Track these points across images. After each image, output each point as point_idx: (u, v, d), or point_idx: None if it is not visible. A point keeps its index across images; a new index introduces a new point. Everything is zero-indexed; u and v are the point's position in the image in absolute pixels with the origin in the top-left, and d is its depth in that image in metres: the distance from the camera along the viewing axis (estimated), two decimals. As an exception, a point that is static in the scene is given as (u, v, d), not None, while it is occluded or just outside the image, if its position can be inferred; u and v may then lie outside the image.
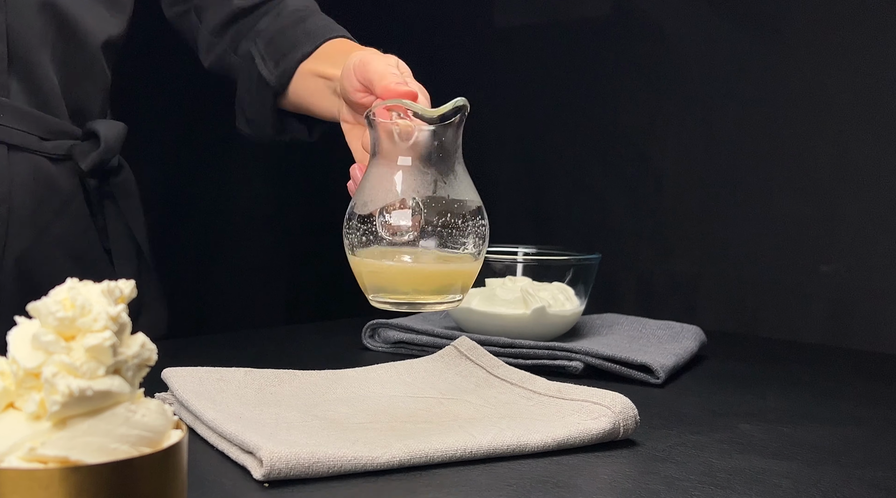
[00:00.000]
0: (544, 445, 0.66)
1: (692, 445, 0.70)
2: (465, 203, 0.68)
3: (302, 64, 0.97)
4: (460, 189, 0.68)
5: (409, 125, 0.67)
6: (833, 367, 1.04)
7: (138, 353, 0.43)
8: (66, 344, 0.41)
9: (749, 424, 0.78)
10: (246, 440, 0.61)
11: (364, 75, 0.78)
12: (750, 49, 1.28)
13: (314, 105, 0.96)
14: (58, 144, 1.01)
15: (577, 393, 0.73)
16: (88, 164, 1.01)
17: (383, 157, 0.68)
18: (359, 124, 0.84)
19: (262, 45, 1.02)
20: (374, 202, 0.67)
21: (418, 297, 0.68)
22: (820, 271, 1.17)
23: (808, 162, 1.23)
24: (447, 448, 0.63)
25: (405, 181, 0.67)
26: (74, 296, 0.41)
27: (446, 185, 0.67)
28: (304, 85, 0.97)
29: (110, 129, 1.03)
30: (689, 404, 0.84)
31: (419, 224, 0.66)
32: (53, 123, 1.00)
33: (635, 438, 0.70)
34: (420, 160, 0.67)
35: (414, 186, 0.66)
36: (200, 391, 0.73)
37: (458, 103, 0.67)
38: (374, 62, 0.77)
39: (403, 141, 0.67)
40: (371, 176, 0.68)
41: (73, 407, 0.40)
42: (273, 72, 0.99)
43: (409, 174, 0.67)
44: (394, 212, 0.66)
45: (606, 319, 1.14)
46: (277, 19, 1.03)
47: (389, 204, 0.66)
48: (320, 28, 0.99)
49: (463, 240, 0.67)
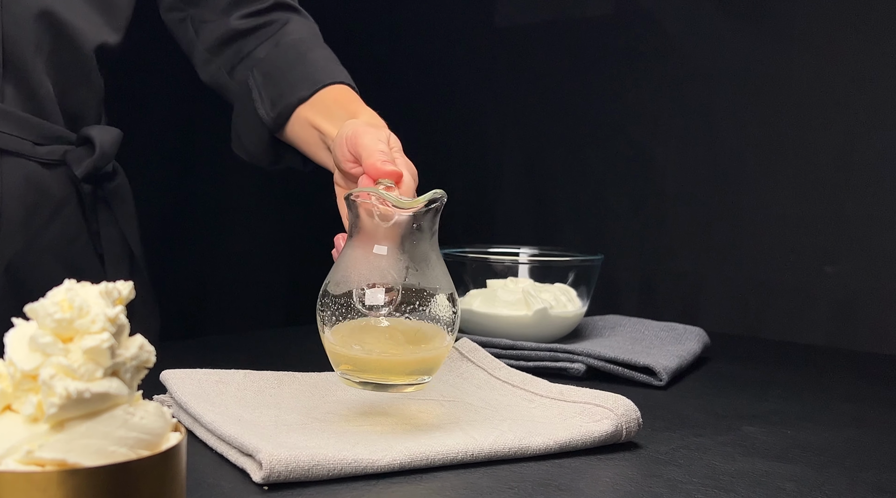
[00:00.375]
0: (546, 447, 0.66)
1: (695, 447, 0.70)
2: (437, 290, 0.69)
3: (299, 109, 0.96)
4: (433, 276, 0.69)
5: (388, 211, 0.68)
6: (838, 369, 1.04)
7: (137, 355, 0.43)
8: (63, 346, 0.41)
9: (753, 426, 0.78)
10: (245, 443, 0.61)
11: (354, 148, 0.79)
12: (754, 48, 1.28)
13: (310, 153, 0.97)
14: (52, 150, 1.01)
15: (580, 395, 0.73)
16: (83, 171, 1.01)
17: (360, 238, 0.69)
18: (347, 189, 0.84)
19: (259, 78, 1.00)
20: (346, 283, 0.68)
21: (386, 378, 0.69)
22: (824, 272, 1.17)
23: (813, 161, 1.23)
24: (448, 451, 0.63)
25: (379, 266, 0.68)
26: (72, 297, 0.41)
27: (418, 272, 0.69)
28: (300, 132, 0.97)
29: (105, 134, 1.03)
30: (693, 407, 0.84)
31: (390, 309, 0.67)
32: (47, 128, 1.00)
33: (638, 440, 0.70)
34: (395, 246, 0.69)
35: (388, 271, 0.68)
36: (199, 393, 0.73)
37: (434, 196, 0.69)
38: (364, 137, 0.78)
39: (381, 225, 0.69)
40: (346, 256, 0.70)
41: (71, 409, 0.40)
42: (269, 113, 0.98)
43: (384, 259, 0.68)
44: (366, 294, 0.68)
45: (609, 320, 1.14)
46: (276, 50, 1.01)
47: (362, 287, 0.68)
48: (319, 70, 0.98)
49: (432, 326, 0.68)
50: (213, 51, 1.05)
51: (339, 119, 0.90)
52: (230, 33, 1.04)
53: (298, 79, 0.97)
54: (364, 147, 0.77)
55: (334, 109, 0.94)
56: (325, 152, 0.92)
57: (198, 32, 1.06)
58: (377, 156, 0.76)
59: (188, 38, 1.08)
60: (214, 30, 1.05)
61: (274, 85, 0.99)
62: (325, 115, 0.93)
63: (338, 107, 0.94)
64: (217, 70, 1.05)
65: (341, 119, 0.89)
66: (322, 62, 1.00)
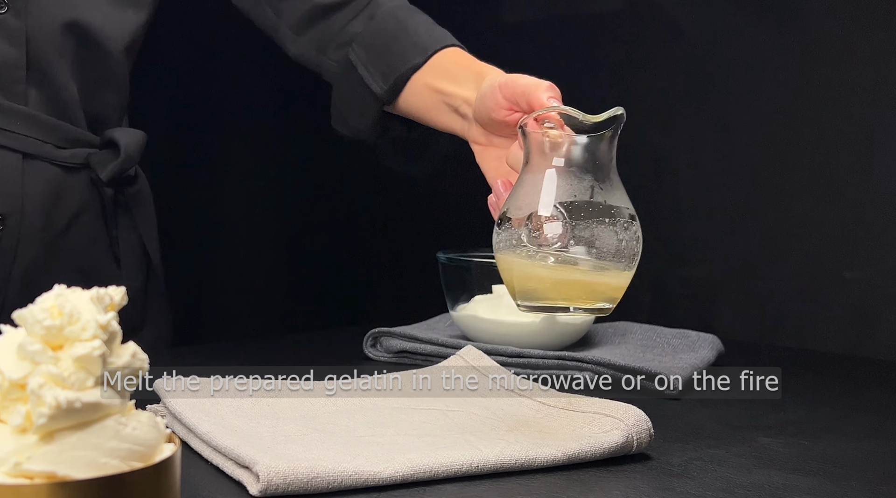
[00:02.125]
0: (554, 459, 0.66)
1: (709, 459, 0.70)
2: (620, 210, 0.70)
3: (413, 77, 0.98)
4: (615, 196, 0.71)
5: (568, 133, 0.71)
6: (857, 377, 1.04)
7: (129, 363, 0.43)
8: (53, 354, 0.41)
9: (769, 437, 0.77)
10: (242, 454, 0.61)
11: (512, 94, 0.83)
12: (770, 45, 1.28)
13: (430, 119, 0.98)
14: (74, 153, 1.02)
15: (589, 405, 0.73)
16: (108, 174, 1.03)
17: (538, 162, 0.71)
18: (492, 146, 0.89)
19: (361, 52, 1.02)
20: (529, 206, 0.70)
21: (567, 303, 0.70)
22: (843, 278, 1.16)
23: (831, 163, 1.23)
24: (452, 462, 0.63)
25: (561, 186, 0.70)
26: (62, 303, 0.41)
27: (602, 192, 0.70)
28: (418, 98, 0.99)
29: (129, 137, 1.05)
30: (706, 417, 0.84)
31: (572, 230, 0.69)
32: (70, 132, 1.02)
33: (649, 452, 0.70)
34: (576, 166, 0.70)
35: (570, 191, 0.69)
36: (194, 403, 0.73)
37: (616, 113, 0.70)
38: (522, 78, 0.82)
39: (558, 148, 0.71)
40: (526, 181, 0.71)
41: (61, 420, 0.40)
42: (382, 85, 1.00)
43: (566, 179, 0.70)
44: (548, 217, 0.69)
45: (619, 327, 1.14)
46: (373, 23, 1.02)
47: (544, 208, 0.69)
48: (425, 35, 1.00)
49: (616, 247, 0.69)
50: (298, 29, 1.06)
51: (465, 80, 0.93)
52: (315, 10, 1.04)
53: (406, 48, 0.99)
54: (527, 86, 0.81)
55: (456, 71, 0.96)
56: (450, 115, 0.95)
57: (278, 13, 1.06)
58: (546, 91, 0.79)
59: (267, 18, 1.08)
60: (297, 8, 1.05)
61: (380, 58, 1.00)
62: (448, 79, 0.95)
63: (459, 69, 0.96)
64: (306, 48, 1.06)
65: (468, 79, 0.92)
66: (424, 27, 1.01)
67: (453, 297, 1.08)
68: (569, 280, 0.69)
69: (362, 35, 1.02)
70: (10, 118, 0.97)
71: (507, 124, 0.85)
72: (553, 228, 0.69)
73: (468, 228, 1.68)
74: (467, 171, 1.22)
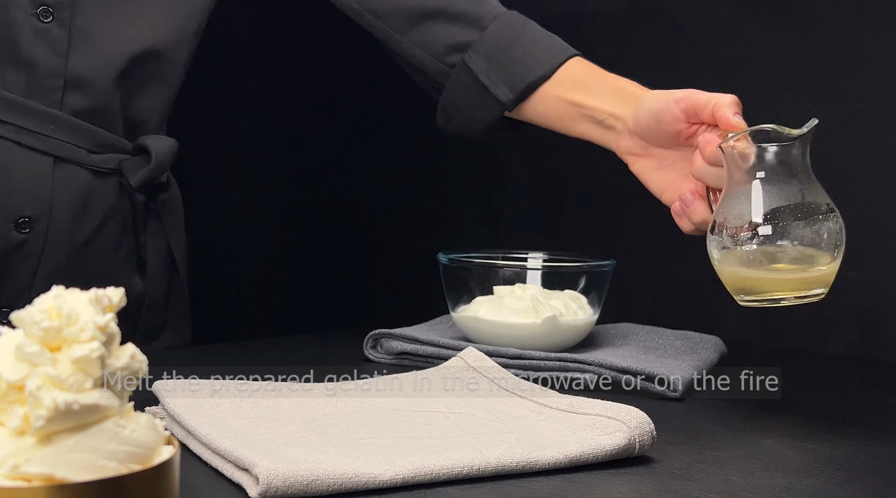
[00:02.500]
0: (556, 461, 0.66)
1: (712, 461, 0.70)
2: (823, 205, 0.82)
3: (542, 86, 1.05)
4: (817, 193, 0.82)
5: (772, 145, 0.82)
6: (861, 379, 1.04)
7: (128, 364, 0.43)
8: (51, 355, 0.41)
9: (772, 439, 0.77)
10: (241, 457, 0.61)
11: (691, 108, 0.92)
12: (773, 45, 1.28)
13: (563, 128, 1.06)
14: (107, 158, 1.04)
15: (590, 407, 0.73)
16: (138, 180, 1.04)
17: (746, 175, 0.82)
18: (649, 156, 0.98)
19: (480, 60, 1.07)
20: (742, 215, 0.82)
21: (785, 294, 0.82)
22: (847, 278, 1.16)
23: (834, 162, 1.22)
24: (453, 465, 0.63)
25: (772, 193, 0.81)
26: (60, 304, 0.41)
27: (806, 192, 0.82)
28: (548, 108, 1.05)
29: (161, 144, 1.06)
30: (709, 419, 0.84)
31: (785, 231, 0.81)
32: (105, 137, 1.03)
33: (652, 454, 0.70)
34: (782, 174, 0.82)
35: (780, 197, 0.81)
36: (193, 405, 0.73)
37: (814, 124, 0.82)
38: (700, 93, 0.92)
39: (764, 161, 0.82)
40: (738, 193, 0.83)
41: (59, 422, 0.40)
42: (508, 94, 1.06)
43: (774, 186, 0.82)
44: (761, 223, 0.81)
45: (621, 328, 1.14)
46: (487, 31, 1.08)
47: (757, 215, 0.81)
48: (549, 45, 1.07)
49: (824, 240, 0.81)
50: (402, 30, 1.10)
51: (604, 93, 1.01)
52: (420, 12, 1.09)
53: (529, 58, 1.06)
54: (709, 101, 0.90)
55: (590, 84, 1.04)
56: (589, 125, 1.03)
57: (377, 14, 1.10)
58: (729, 107, 0.89)
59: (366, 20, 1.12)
60: (399, 9, 1.09)
61: (503, 67, 1.06)
62: (584, 91, 1.03)
63: (593, 81, 1.04)
64: (411, 49, 1.10)
65: (607, 93, 1.01)
66: (542, 37, 1.08)
67: (454, 298, 1.08)
68: (785, 277, 0.81)
69: (479, 43, 1.07)
70: (43, 122, 0.98)
71: (679, 137, 0.95)
72: (767, 231, 0.81)
73: (469, 229, 1.68)
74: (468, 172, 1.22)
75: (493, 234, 1.60)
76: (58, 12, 0.98)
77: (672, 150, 0.97)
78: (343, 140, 1.81)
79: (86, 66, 1.00)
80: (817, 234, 0.81)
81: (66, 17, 0.98)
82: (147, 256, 1.09)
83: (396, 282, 1.77)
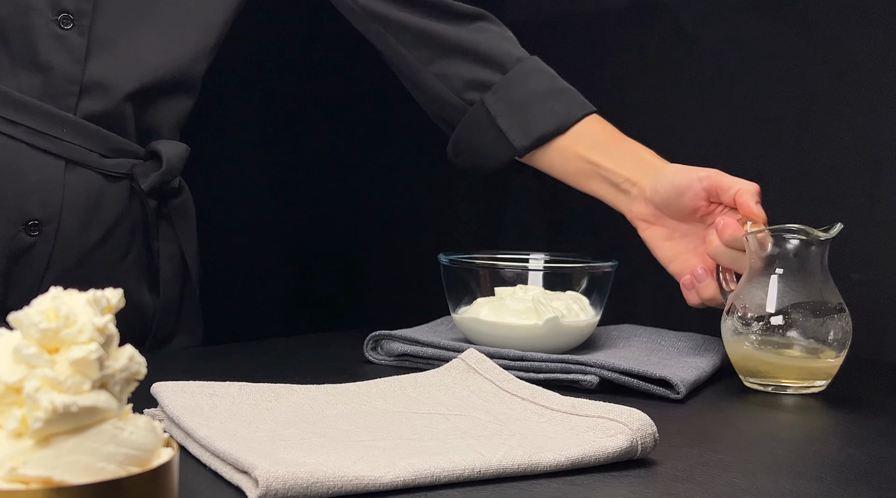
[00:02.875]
0: (557, 464, 0.65)
1: (715, 464, 0.70)
2: (835, 304, 0.91)
3: (558, 139, 1.09)
4: (831, 292, 0.91)
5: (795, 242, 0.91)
6: (865, 381, 1.04)
7: (126, 366, 0.43)
8: (49, 357, 0.41)
9: (776, 442, 0.77)
10: (241, 459, 0.61)
11: (716, 188, 0.98)
12: (777, 43, 1.28)
13: (575, 183, 1.10)
14: (119, 163, 1.04)
15: (592, 409, 0.73)
16: (149, 185, 1.05)
17: (767, 266, 0.91)
18: (660, 226, 1.04)
19: (500, 104, 1.10)
20: (759, 306, 0.91)
21: (788, 382, 0.92)
22: (851, 279, 1.16)
23: (839, 164, 1.23)
24: (454, 467, 0.63)
25: (789, 286, 0.90)
26: (58, 305, 0.41)
27: (820, 290, 0.91)
28: (565, 162, 1.09)
29: (172, 149, 1.07)
30: (712, 421, 0.84)
31: (796, 324, 0.90)
32: (118, 142, 1.04)
33: (654, 457, 0.70)
34: (800, 270, 0.91)
35: (798, 291, 0.90)
36: (192, 407, 0.73)
37: (840, 228, 0.90)
38: (725, 176, 0.98)
39: (786, 257, 0.91)
40: (758, 282, 0.92)
41: (57, 424, 0.40)
42: (523, 141, 1.10)
43: (792, 280, 0.91)
44: (775, 314, 0.90)
45: (623, 330, 1.14)
46: (508, 76, 1.11)
47: (771, 306, 0.90)
48: (569, 99, 1.11)
49: (832, 336, 0.90)
50: (423, 60, 1.13)
51: (620, 156, 1.06)
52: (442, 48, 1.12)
53: (548, 108, 1.10)
54: (732, 185, 0.97)
55: (608, 145, 1.08)
56: (603, 186, 1.07)
57: (402, 43, 1.13)
58: (752, 196, 0.96)
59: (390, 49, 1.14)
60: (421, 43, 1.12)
61: (520, 113, 1.10)
62: (602, 152, 1.07)
63: (611, 142, 1.08)
64: (431, 80, 1.13)
65: (625, 157, 1.06)
66: (563, 90, 1.12)
67: (455, 299, 1.08)
68: (791, 365, 0.90)
69: (500, 85, 1.11)
70: (57, 125, 0.98)
71: (695, 213, 1.01)
72: (780, 322, 0.90)
73: (470, 230, 1.68)
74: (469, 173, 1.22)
75: (494, 234, 1.60)
76: (78, 20, 0.98)
77: (684, 224, 1.03)
78: (344, 141, 1.81)
79: (103, 74, 1.00)
80: (827, 332, 0.90)
81: (86, 25, 0.99)
82: (160, 261, 1.10)
83: (397, 283, 1.77)
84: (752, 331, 0.91)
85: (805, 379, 0.91)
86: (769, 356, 0.90)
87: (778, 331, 0.90)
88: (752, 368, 0.92)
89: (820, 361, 0.90)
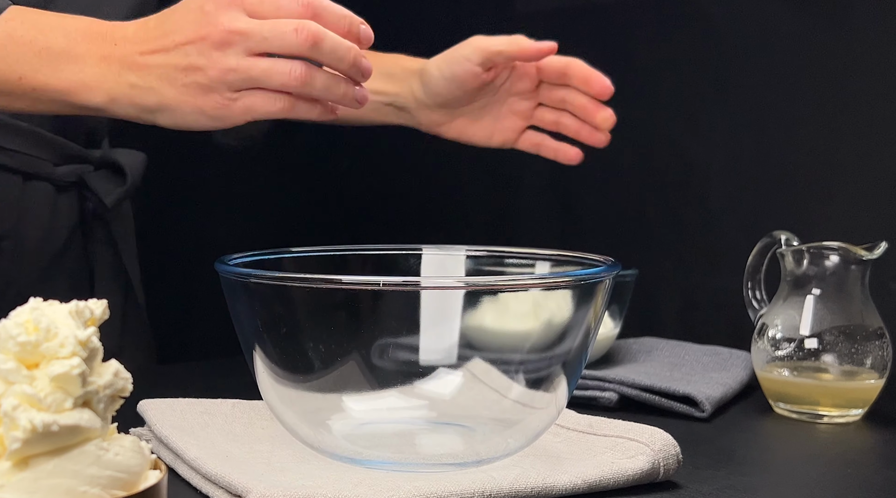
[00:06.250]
0: (574, 486, 0.65)
1: (742, 488, 0.70)
2: (875, 327, 0.90)
3: None
4: (870, 315, 0.90)
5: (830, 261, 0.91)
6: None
7: (111, 382, 0.43)
8: (28, 372, 0.41)
9: (808, 464, 0.77)
10: (234, 482, 0.61)
11: (486, 56, 0.97)
12: (808, 36, 1.28)
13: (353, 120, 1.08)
14: (69, 170, 1.04)
15: (611, 428, 0.73)
16: (113, 200, 1.04)
17: (803, 287, 0.91)
18: (456, 118, 1.04)
19: None
20: (793, 328, 0.90)
21: (824, 409, 0.89)
22: (889, 289, 1.16)
23: (874, 164, 1.22)
24: (463, 491, 0.63)
25: (827, 308, 0.90)
26: (38, 317, 0.41)
27: (859, 312, 0.90)
28: None
29: (132, 159, 1.06)
30: (739, 441, 0.84)
31: (832, 348, 0.89)
32: (67, 148, 1.03)
33: (677, 479, 0.70)
34: (840, 291, 0.90)
35: (835, 313, 0.89)
36: (182, 426, 0.73)
37: (886, 248, 0.90)
38: (482, 39, 0.98)
39: (824, 277, 0.90)
40: (793, 304, 0.91)
41: (37, 444, 0.40)
42: None
43: (830, 302, 0.90)
44: (810, 336, 0.90)
45: (644, 343, 1.14)
46: None
47: (805, 329, 0.90)
48: None
49: (871, 361, 0.89)
50: None
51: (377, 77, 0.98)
52: None
53: None
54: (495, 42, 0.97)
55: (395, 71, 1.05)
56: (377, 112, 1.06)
57: None
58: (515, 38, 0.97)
59: None
60: None
61: None
62: None
63: None
64: None
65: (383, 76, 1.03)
66: None
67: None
68: (827, 390, 0.89)
69: None
70: (13, 136, 0.98)
71: (481, 89, 1.01)
72: (815, 345, 0.89)
73: (471, 230, 1.68)
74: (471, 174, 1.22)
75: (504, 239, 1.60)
76: None
77: (477, 101, 1.03)
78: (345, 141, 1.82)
79: None
80: (866, 356, 0.89)
81: None
82: (95, 268, 1.08)
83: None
84: (786, 353, 0.90)
85: (841, 407, 0.90)
86: (802, 380, 0.90)
87: (812, 355, 0.89)
88: (785, 391, 0.92)
89: (857, 388, 0.89)
